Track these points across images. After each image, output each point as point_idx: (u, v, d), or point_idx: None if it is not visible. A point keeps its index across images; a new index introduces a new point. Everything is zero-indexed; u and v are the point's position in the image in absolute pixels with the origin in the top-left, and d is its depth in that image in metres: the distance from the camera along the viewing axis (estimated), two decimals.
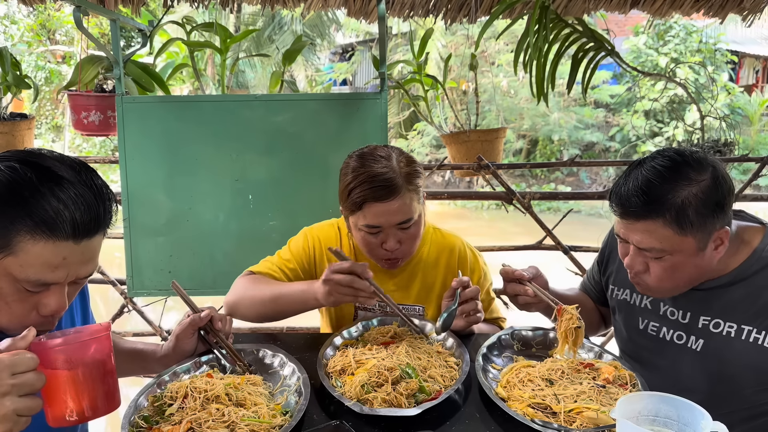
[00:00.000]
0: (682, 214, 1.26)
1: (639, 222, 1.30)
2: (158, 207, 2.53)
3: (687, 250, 1.30)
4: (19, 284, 0.97)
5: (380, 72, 2.49)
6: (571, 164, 2.96)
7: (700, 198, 1.26)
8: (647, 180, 1.29)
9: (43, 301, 1.00)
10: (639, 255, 1.35)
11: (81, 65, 2.75)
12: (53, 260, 0.96)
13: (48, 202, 0.94)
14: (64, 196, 0.95)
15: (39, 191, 0.94)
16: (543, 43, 2.48)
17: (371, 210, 1.55)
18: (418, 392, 1.25)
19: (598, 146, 13.71)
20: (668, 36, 13.18)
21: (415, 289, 1.79)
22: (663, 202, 1.27)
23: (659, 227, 1.28)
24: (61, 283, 1.00)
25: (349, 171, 1.59)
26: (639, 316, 1.56)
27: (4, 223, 0.93)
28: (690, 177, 1.27)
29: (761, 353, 1.31)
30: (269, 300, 1.62)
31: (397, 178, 1.54)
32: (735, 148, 2.95)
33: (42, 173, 0.95)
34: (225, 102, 2.52)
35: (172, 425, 1.12)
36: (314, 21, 13.70)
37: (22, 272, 0.95)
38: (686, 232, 1.27)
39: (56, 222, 0.94)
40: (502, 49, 13.25)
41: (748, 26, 2.96)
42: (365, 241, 1.62)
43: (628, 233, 1.34)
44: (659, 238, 1.29)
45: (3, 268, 0.95)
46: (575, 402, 1.20)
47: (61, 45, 12.36)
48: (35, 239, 0.94)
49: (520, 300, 1.55)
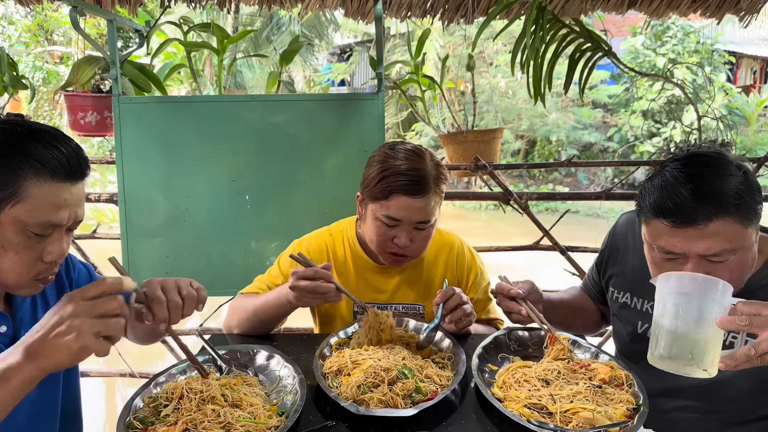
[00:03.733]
0: (743, 204, 1.21)
1: (708, 226, 1.20)
2: (155, 207, 2.53)
3: (748, 243, 1.24)
4: (28, 231, 1.06)
5: (377, 72, 2.49)
6: (569, 164, 2.96)
7: (748, 185, 1.23)
8: (698, 182, 1.22)
9: (47, 248, 1.10)
10: (701, 265, 1.24)
11: (78, 66, 2.75)
12: (57, 201, 1.07)
13: (45, 148, 1.06)
14: (57, 143, 1.08)
15: (34, 141, 1.06)
16: (540, 44, 2.48)
17: (398, 202, 1.57)
18: (414, 392, 1.25)
19: (596, 146, 13.72)
20: (666, 37, 13.19)
21: (415, 288, 1.80)
22: (725, 197, 1.20)
23: (728, 225, 1.20)
24: (62, 226, 1.10)
25: (381, 160, 1.61)
26: (639, 320, 1.55)
27: (10, 174, 1.03)
28: (730, 170, 1.23)
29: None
30: (252, 314, 1.65)
31: (429, 177, 1.58)
32: (732, 149, 2.95)
33: (30, 128, 1.08)
34: (222, 102, 2.52)
35: (167, 426, 1.12)
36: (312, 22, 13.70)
37: (32, 216, 1.05)
38: (751, 222, 1.22)
39: (55, 166, 1.06)
40: (500, 49, 13.26)
41: (744, 27, 2.97)
42: (378, 232, 1.63)
43: (689, 244, 1.23)
44: (729, 237, 1.21)
45: (12, 218, 1.04)
46: (571, 402, 1.20)
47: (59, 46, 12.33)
48: (40, 183, 1.05)
49: (513, 317, 1.55)
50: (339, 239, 1.82)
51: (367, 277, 1.78)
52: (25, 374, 0.93)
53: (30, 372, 0.93)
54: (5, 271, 1.08)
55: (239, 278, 1.96)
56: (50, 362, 0.93)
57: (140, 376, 2.99)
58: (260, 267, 1.97)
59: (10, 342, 1.19)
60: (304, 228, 1.93)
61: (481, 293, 1.83)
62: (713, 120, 3.11)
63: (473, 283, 1.82)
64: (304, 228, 1.94)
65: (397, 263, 1.70)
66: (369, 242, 1.71)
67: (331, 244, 1.81)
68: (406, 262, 1.71)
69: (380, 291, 1.78)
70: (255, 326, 1.67)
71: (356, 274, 1.78)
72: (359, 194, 1.69)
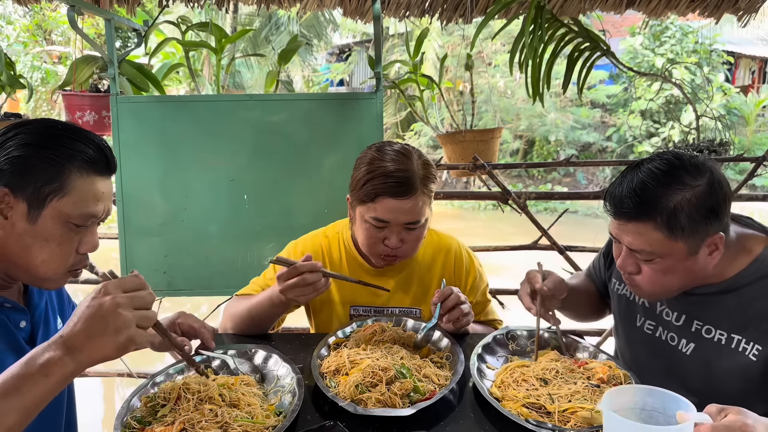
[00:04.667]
0: (673, 218, 1.25)
1: (630, 223, 1.30)
2: (153, 207, 2.52)
3: (677, 255, 1.29)
4: (69, 223, 1.12)
5: (376, 72, 2.48)
6: (567, 164, 2.96)
7: (694, 203, 1.25)
8: (642, 182, 1.29)
9: (83, 239, 1.16)
10: (631, 256, 1.35)
11: (75, 65, 2.74)
12: (96, 193, 1.14)
13: (85, 144, 1.13)
14: (94, 139, 1.15)
15: (74, 138, 1.13)
16: (538, 43, 2.48)
17: (384, 204, 1.55)
18: (412, 392, 1.24)
19: (595, 146, 13.73)
20: (664, 37, 13.21)
21: (412, 291, 1.79)
22: (655, 205, 1.26)
23: (649, 230, 1.27)
24: (98, 217, 1.17)
25: (368, 162, 1.59)
26: (637, 313, 1.56)
27: (56, 168, 1.09)
28: (685, 181, 1.26)
29: (748, 363, 1.30)
30: (247, 315, 1.65)
31: (415, 178, 1.55)
32: (730, 148, 2.96)
33: (66, 127, 1.16)
34: (220, 102, 2.51)
35: (164, 426, 1.11)
36: (311, 21, 13.71)
37: (75, 208, 1.11)
38: (677, 236, 1.26)
39: (94, 159, 1.13)
40: (498, 49, 13.26)
41: (743, 26, 2.97)
42: (368, 234, 1.62)
43: (620, 234, 1.34)
44: (649, 241, 1.28)
45: (57, 211, 1.10)
46: (569, 402, 1.20)
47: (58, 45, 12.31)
48: (82, 177, 1.12)
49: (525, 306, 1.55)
50: (335, 241, 1.82)
51: (362, 279, 1.77)
52: (66, 369, 0.91)
53: (71, 367, 0.91)
54: (45, 262, 1.12)
55: (237, 278, 1.95)
56: (95, 356, 0.92)
57: (138, 376, 2.98)
58: (258, 267, 1.96)
59: (28, 338, 1.21)
60: (303, 227, 1.93)
61: (480, 295, 1.82)
62: (711, 120, 3.11)
63: (472, 286, 1.81)
64: (302, 227, 1.93)
65: (389, 263, 1.70)
66: (360, 244, 1.70)
67: (327, 246, 1.81)
68: (397, 262, 1.70)
69: (376, 294, 1.76)
70: (250, 327, 1.66)
71: (352, 276, 1.77)
72: (348, 197, 1.68)
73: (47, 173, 1.08)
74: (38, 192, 1.08)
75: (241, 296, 1.77)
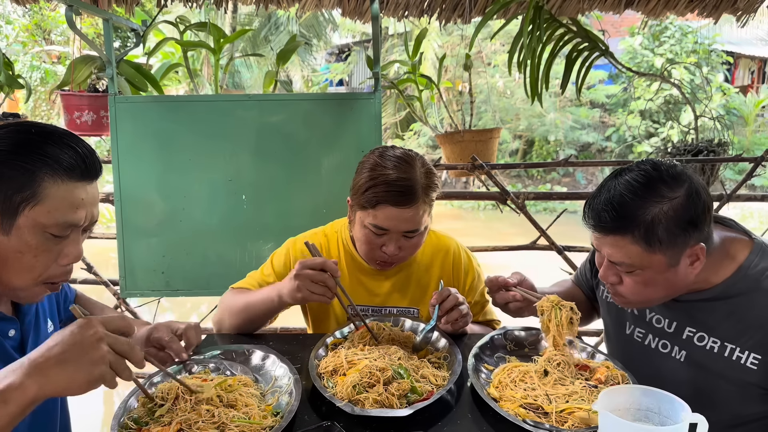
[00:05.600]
0: (650, 232, 1.23)
1: (608, 236, 1.29)
2: (151, 207, 2.52)
3: (656, 267, 1.27)
4: (46, 233, 1.06)
5: (374, 72, 2.48)
6: (566, 164, 2.96)
7: (671, 216, 1.23)
8: (619, 194, 1.27)
9: (65, 250, 1.10)
10: (611, 267, 1.34)
11: (74, 65, 2.74)
12: (74, 200, 1.07)
13: (60, 149, 1.06)
14: (72, 143, 1.08)
15: (49, 142, 1.06)
16: (537, 43, 2.48)
17: (384, 212, 1.54)
18: (409, 392, 1.24)
19: (594, 146, 13.74)
20: (663, 37, 13.22)
21: (410, 292, 1.78)
22: (632, 219, 1.24)
23: (627, 243, 1.26)
24: (80, 226, 1.10)
25: (370, 168, 1.57)
26: (626, 320, 1.55)
27: (27, 176, 1.03)
28: (662, 194, 1.24)
29: (744, 372, 1.30)
30: (242, 310, 1.64)
31: (417, 187, 1.54)
32: (729, 148, 2.96)
33: (43, 129, 1.09)
34: (218, 102, 2.51)
35: (161, 426, 1.11)
36: (310, 22, 13.70)
37: (50, 217, 1.05)
38: (654, 249, 1.25)
39: (71, 165, 1.06)
40: (498, 49, 13.27)
41: (741, 26, 2.97)
42: (366, 239, 1.62)
43: (600, 245, 1.34)
44: (628, 254, 1.27)
45: (31, 220, 1.04)
46: (567, 402, 1.20)
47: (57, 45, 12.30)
48: (57, 183, 1.05)
49: (511, 307, 1.54)
50: (334, 240, 1.81)
51: (361, 279, 1.77)
52: (26, 396, 0.87)
53: (32, 393, 0.88)
54: (18, 273, 1.07)
55: (235, 278, 1.95)
56: (62, 384, 0.89)
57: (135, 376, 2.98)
58: (256, 267, 1.96)
59: (18, 346, 1.20)
60: (301, 227, 1.93)
61: (478, 295, 1.82)
62: (711, 120, 3.12)
63: (471, 286, 1.81)
64: (300, 227, 1.93)
65: (385, 268, 1.71)
66: (358, 248, 1.70)
67: (326, 245, 1.81)
68: (393, 267, 1.71)
69: (374, 294, 1.77)
70: (243, 323, 1.65)
71: (350, 276, 1.77)
72: (349, 199, 1.67)
73: (17, 181, 1.02)
74: (9, 200, 1.02)
75: (237, 290, 1.76)
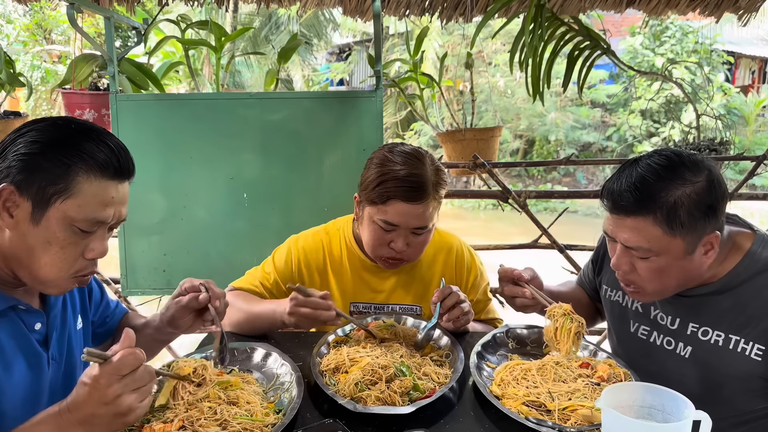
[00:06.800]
0: (673, 213, 1.24)
1: (629, 218, 1.28)
2: (153, 205, 2.52)
3: (674, 252, 1.27)
4: (74, 227, 1.09)
5: (375, 70, 2.48)
6: (567, 163, 2.96)
7: (693, 199, 1.24)
8: (642, 176, 1.27)
9: (91, 245, 1.13)
10: (625, 255, 1.33)
11: (75, 63, 2.74)
12: (105, 198, 1.11)
13: (97, 146, 1.09)
14: (108, 142, 1.12)
15: (86, 139, 1.09)
16: (538, 42, 2.47)
17: (395, 208, 1.54)
18: (412, 390, 1.24)
19: (595, 146, 13.73)
20: (664, 36, 13.21)
21: (413, 289, 1.78)
22: (655, 199, 1.25)
23: (648, 225, 1.26)
24: (107, 223, 1.13)
25: (380, 164, 1.57)
26: (630, 319, 1.55)
27: (62, 169, 1.06)
28: (685, 177, 1.25)
29: (749, 363, 1.30)
30: (244, 320, 1.64)
31: (428, 183, 1.54)
32: (730, 148, 2.96)
33: (82, 125, 1.12)
34: (219, 100, 2.51)
35: (164, 423, 1.11)
36: (311, 21, 13.70)
37: (81, 212, 1.08)
38: (675, 232, 1.25)
39: (105, 163, 1.09)
40: (499, 49, 13.26)
41: (743, 26, 2.97)
42: (375, 235, 1.61)
43: (616, 230, 1.32)
44: (647, 237, 1.27)
45: (61, 213, 1.07)
46: (569, 400, 1.20)
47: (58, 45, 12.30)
48: (90, 180, 1.08)
49: (518, 302, 1.54)
50: (336, 238, 1.81)
51: (363, 276, 1.77)
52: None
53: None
54: (47, 265, 1.09)
55: (237, 276, 1.96)
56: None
57: None
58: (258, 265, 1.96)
59: (43, 340, 1.20)
60: (302, 226, 1.92)
61: (480, 294, 1.82)
62: (712, 119, 3.12)
63: (473, 284, 1.81)
64: (302, 226, 1.93)
65: (392, 266, 1.69)
66: (365, 245, 1.69)
67: (327, 243, 1.80)
68: (400, 265, 1.70)
69: (377, 291, 1.77)
70: (245, 330, 1.66)
71: (352, 274, 1.77)
72: (357, 195, 1.67)
73: (52, 173, 1.05)
74: (42, 192, 1.05)
75: (238, 292, 1.76)
